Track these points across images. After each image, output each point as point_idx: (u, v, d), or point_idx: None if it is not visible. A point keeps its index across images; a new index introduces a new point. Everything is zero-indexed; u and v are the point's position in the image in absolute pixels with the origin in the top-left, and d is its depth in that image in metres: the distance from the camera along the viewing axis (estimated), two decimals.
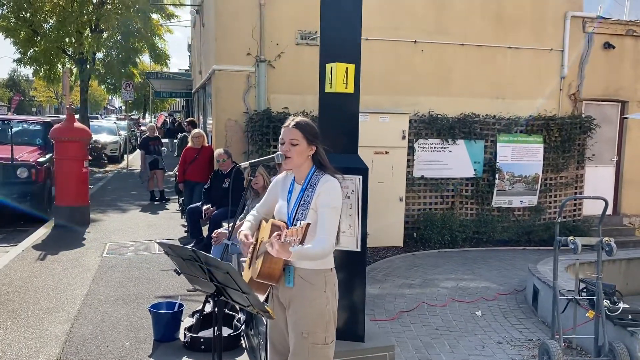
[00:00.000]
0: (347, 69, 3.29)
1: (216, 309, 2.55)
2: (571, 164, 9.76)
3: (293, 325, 2.58)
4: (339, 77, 3.25)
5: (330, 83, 3.35)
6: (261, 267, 2.40)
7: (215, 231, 5.62)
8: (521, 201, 9.44)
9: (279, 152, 2.66)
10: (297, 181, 2.71)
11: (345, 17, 3.44)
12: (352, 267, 3.57)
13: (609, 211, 10.59)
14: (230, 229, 2.71)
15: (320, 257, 2.48)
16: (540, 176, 9.41)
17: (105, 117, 45.61)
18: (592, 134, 9.74)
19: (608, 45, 10.02)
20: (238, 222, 5.80)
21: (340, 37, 3.43)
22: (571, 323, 4.60)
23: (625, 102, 10.35)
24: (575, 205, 9.93)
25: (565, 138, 9.50)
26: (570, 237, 4.12)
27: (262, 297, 2.62)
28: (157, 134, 12.84)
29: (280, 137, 2.67)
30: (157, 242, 2.34)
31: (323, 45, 3.50)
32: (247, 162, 2.69)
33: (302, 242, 2.06)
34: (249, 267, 2.64)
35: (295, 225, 2.43)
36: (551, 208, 9.70)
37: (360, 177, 3.36)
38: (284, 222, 2.60)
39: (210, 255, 2.18)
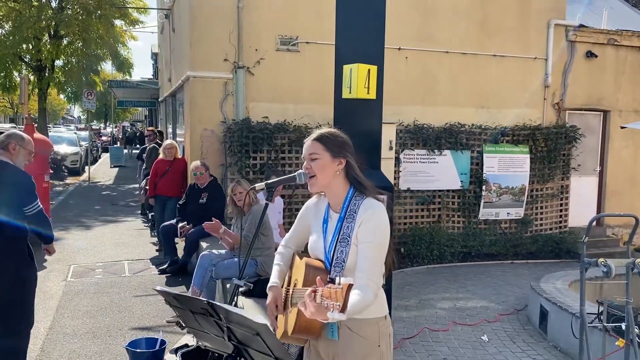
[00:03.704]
0: (369, 71, 2.79)
1: None
2: (557, 174, 9.53)
3: None
4: (360, 80, 2.76)
5: (350, 87, 2.85)
6: (297, 321, 1.90)
7: (205, 223, 4.94)
8: (508, 213, 9.15)
9: (301, 171, 2.18)
10: (333, 208, 2.23)
11: (367, 8, 2.92)
12: None
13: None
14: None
15: (364, 308, 1.99)
16: (527, 187, 9.14)
17: (55, 126, 43.24)
18: (577, 143, 9.55)
19: (590, 54, 9.89)
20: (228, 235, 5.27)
21: (361, 34, 2.90)
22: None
23: (608, 111, 10.22)
24: (560, 217, 9.70)
25: (551, 148, 9.27)
26: (601, 259, 3.73)
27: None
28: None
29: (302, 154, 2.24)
30: (157, 290, 1.81)
31: (339, 43, 2.96)
32: (263, 184, 2.19)
33: (343, 308, 1.56)
34: (280, 317, 2.14)
35: (334, 271, 1.95)
36: (537, 220, 9.44)
37: (385, 197, 2.89)
38: (321, 261, 2.12)
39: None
